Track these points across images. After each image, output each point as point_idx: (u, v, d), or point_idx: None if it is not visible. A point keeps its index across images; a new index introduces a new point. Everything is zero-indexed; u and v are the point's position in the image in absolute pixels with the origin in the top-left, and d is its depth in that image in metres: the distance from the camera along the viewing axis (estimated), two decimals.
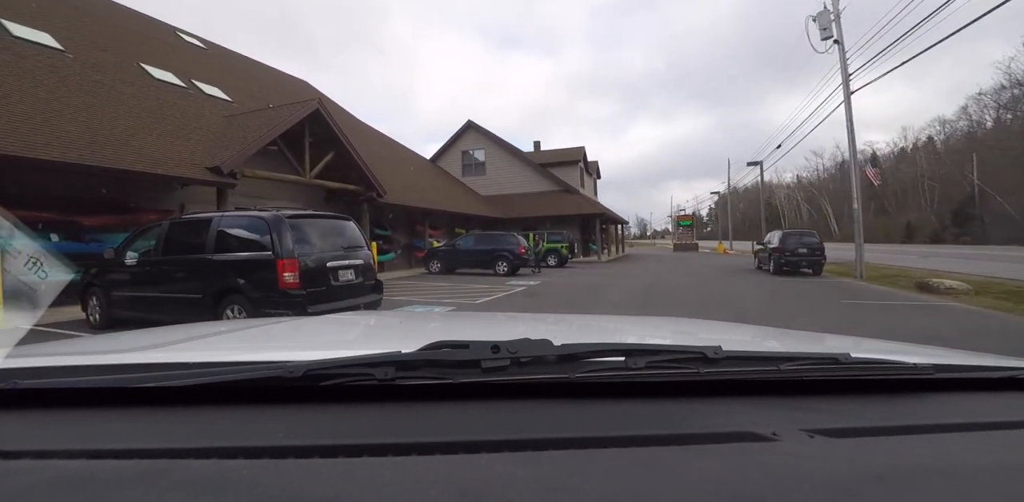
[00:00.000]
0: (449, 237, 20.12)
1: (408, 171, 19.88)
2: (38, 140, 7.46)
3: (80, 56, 11.09)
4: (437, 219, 19.44)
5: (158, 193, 10.14)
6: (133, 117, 10.02)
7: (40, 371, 0.69)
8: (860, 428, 0.62)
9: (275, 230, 4.95)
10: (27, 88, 8.75)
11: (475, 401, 0.64)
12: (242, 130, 11.31)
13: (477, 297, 9.93)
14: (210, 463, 0.46)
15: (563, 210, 23.01)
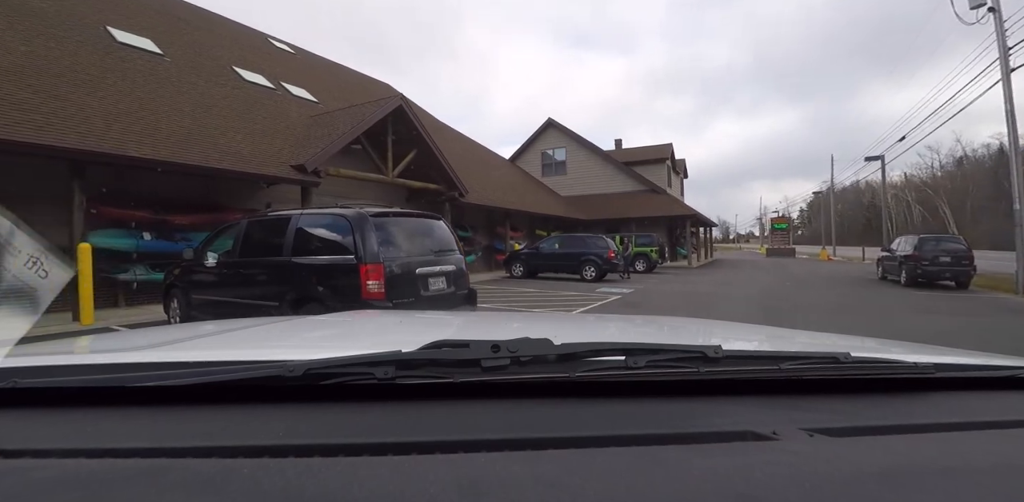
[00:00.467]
0: (529, 239, 19.35)
1: (487, 171, 19.33)
2: (130, 138, 7.38)
3: (177, 60, 11.33)
4: (517, 220, 18.74)
5: (244, 192, 10.04)
6: (223, 116, 9.99)
7: (40, 370, 0.68)
8: (860, 427, 0.61)
9: (358, 230, 4.29)
10: (126, 89, 8.86)
11: (475, 400, 0.63)
12: (326, 129, 11.09)
13: (571, 306, 8.99)
14: (210, 462, 0.45)
15: (649, 211, 21.58)
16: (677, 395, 0.68)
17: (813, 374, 0.73)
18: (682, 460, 0.49)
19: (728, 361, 0.70)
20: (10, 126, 6.21)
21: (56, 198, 7.27)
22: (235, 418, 0.58)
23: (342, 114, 11.76)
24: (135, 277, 7.95)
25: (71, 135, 6.67)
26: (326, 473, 0.43)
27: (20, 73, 7.50)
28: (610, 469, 0.46)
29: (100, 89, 8.34)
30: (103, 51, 9.76)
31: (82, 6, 10.92)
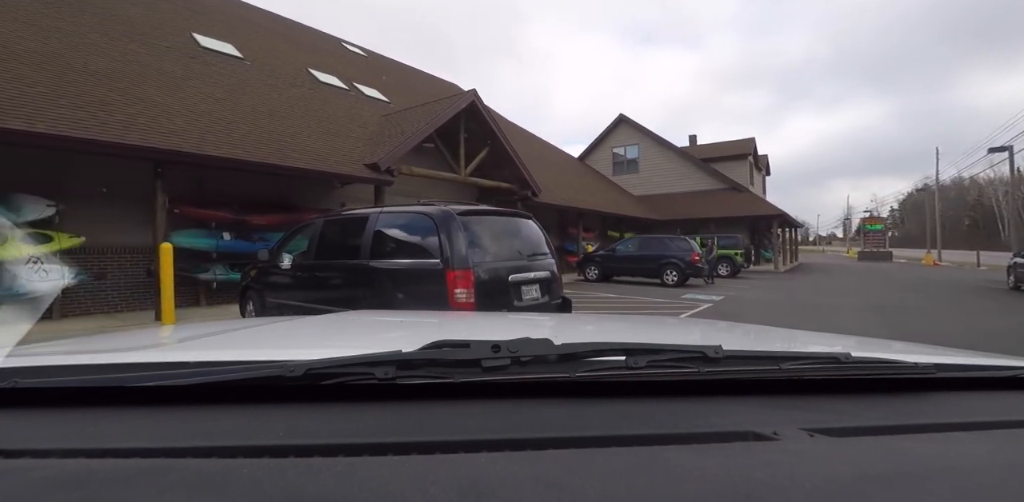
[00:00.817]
0: (601, 240, 18.53)
1: (556, 170, 18.69)
2: (209, 138, 7.32)
3: (256, 63, 11.50)
4: (589, 220, 17.97)
5: (319, 192, 9.93)
6: (299, 116, 9.93)
7: (40, 370, 0.68)
8: (861, 427, 0.61)
9: (444, 230, 3.76)
10: (208, 91, 8.93)
11: (475, 400, 0.63)
12: (399, 127, 10.85)
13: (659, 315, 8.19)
14: (210, 462, 0.45)
15: (729, 211, 20.15)
16: (678, 395, 0.68)
17: (814, 374, 0.72)
18: (683, 460, 0.49)
19: (729, 361, 0.70)
20: (98, 126, 6.23)
21: (141, 199, 7.32)
22: (235, 418, 0.57)
23: (414, 112, 11.51)
24: (215, 277, 7.92)
25: (154, 135, 6.65)
26: (326, 473, 0.43)
27: (110, 76, 7.64)
28: (611, 469, 0.46)
29: (183, 91, 8.42)
30: (188, 56, 9.97)
31: (171, 14, 11.29)
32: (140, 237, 7.50)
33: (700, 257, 13.10)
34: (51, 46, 7.62)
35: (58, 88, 6.63)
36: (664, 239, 13.89)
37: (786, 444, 0.54)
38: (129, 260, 7.65)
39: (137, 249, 7.64)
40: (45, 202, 6.69)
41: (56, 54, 7.47)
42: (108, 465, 0.44)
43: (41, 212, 6.66)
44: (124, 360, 0.76)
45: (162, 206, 6.82)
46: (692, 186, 22.27)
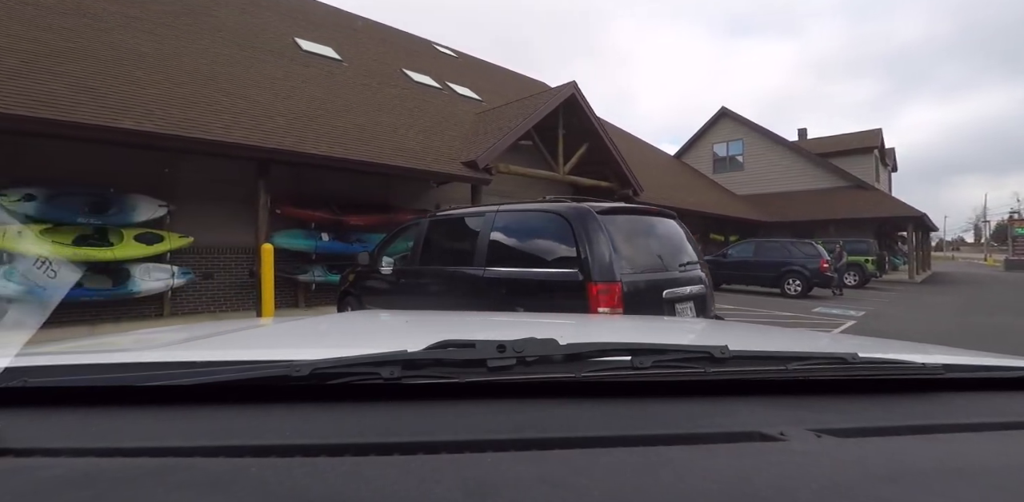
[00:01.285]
0: (703, 243, 17.09)
1: (652, 168, 17.52)
2: (309, 136, 7.11)
3: (353, 65, 11.53)
4: (689, 222, 16.58)
5: (414, 192, 9.61)
6: (394, 114, 9.69)
7: (49, 369, 0.68)
8: (869, 428, 0.61)
9: (582, 233, 3.02)
10: (308, 91, 8.87)
11: (481, 400, 0.63)
12: (495, 124, 10.34)
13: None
14: (217, 461, 0.45)
15: (853, 211, 17.86)
16: (683, 395, 0.67)
17: (820, 375, 0.72)
18: (689, 460, 0.48)
19: (735, 361, 0.69)
20: (204, 125, 6.14)
21: (245, 199, 7.25)
22: (241, 418, 0.56)
23: (510, 108, 10.96)
24: (313, 278, 7.74)
25: (257, 133, 6.50)
26: (332, 473, 0.43)
27: (217, 79, 7.68)
28: (616, 469, 0.46)
29: (284, 91, 8.37)
30: (289, 58, 10.07)
31: (276, 22, 11.58)
32: (243, 237, 7.45)
33: (829, 264, 11.48)
34: (165, 51, 7.79)
35: (168, 90, 6.66)
36: (785, 243, 12.30)
37: (793, 445, 0.53)
38: (233, 260, 7.63)
39: (240, 249, 7.60)
40: (157, 202, 6.74)
41: (169, 58, 7.62)
42: (116, 464, 0.44)
43: (154, 212, 6.71)
44: (132, 360, 0.76)
45: (264, 206, 6.66)
46: (806, 184, 20.09)
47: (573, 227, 3.08)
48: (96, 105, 5.60)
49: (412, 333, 1.27)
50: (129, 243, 6.51)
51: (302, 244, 7.66)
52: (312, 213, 7.71)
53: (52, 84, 5.64)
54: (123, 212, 6.47)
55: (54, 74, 5.87)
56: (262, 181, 6.69)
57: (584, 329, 1.39)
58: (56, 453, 0.47)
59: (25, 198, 5.88)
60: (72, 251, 6.05)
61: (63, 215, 6.11)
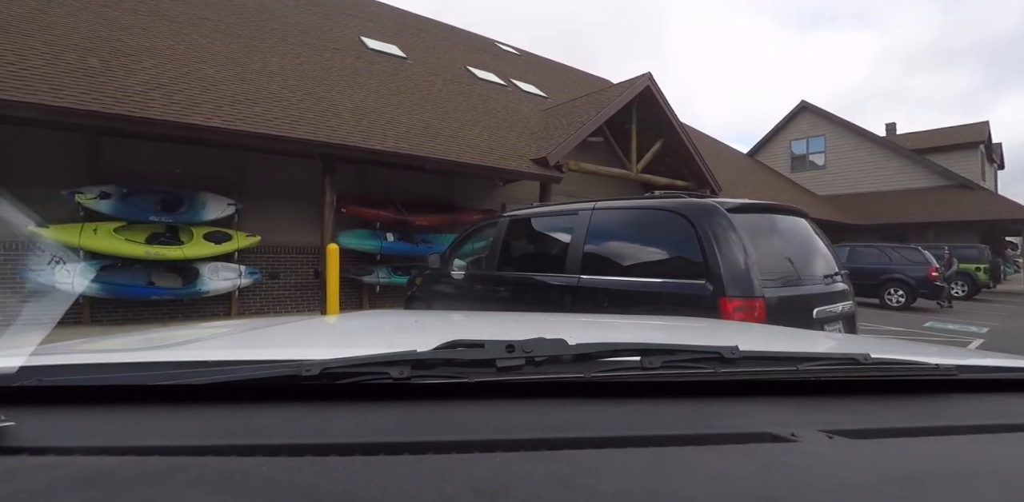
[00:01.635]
0: None
1: (725, 166, 16.46)
2: (375, 132, 6.84)
3: (418, 62, 11.36)
4: None
5: (479, 191, 9.24)
6: (460, 111, 9.36)
7: (63, 369, 0.68)
8: (881, 429, 0.60)
9: (710, 235, 2.44)
10: (373, 88, 8.69)
11: (490, 400, 0.62)
12: (563, 120, 9.82)
13: None
14: (229, 460, 0.45)
15: (956, 214, 16.04)
16: (694, 396, 0.66)
17: (832, 375, 0.71)
18: (699, 461, 0.48)
19: (745, 362, 0.69)
20: (271, 122, 5.96)
21: (310, 198, 7.08)
22: (252, 417, 0.56)
23: (579, 103, 10.41)
24: (378, 280, 7.48)
25: (323, 129, 6.28)
26: (343, 472, 0.43)
27: (284, 76, 7.57)
28: (627, 470, 0.45)
29: (350, 88, 8.20)
30: (355, 56, 9.96)
31: (342, 22, 11.57)
32: (308, 237, 7.29)
33: (939, 272, 10.18)
34: (235, 50, 7.77)
35: (237, 87, 6.56)
36: (885, 248, 10.97)
37: (804, 445, 0.53)
38: (298, 260, 7.49)
39: (306, 249, 7.44)
40: (226, 201, 6.65)
41: (238, 57, 7.58)
42: (129, 463, 0.44)
43: (223, 210, 6.62)
44: (144, 359, 0.76)
45: (330, 204, 6.43)
46: (899, 183, 18.31)
47: (697, 228, 2.50)
48: (167, 101, 5.51)
49: (422, 333, 1.27)
50: (198, 242, 6.44)
51: (367, 244, 7.41)
52: (377, 212, 7.46)
53: (126, 81, 5.60)
54: (193, 210, 6.41)
55: (130, 72, 5.84)
56: (328, 179, 6.46)
57: (593, 329, 1.38)
58: (69, 452, 0.47)
59: (101, 196, 5.89)
60: (144, 250, 6.02)
61: (136, 213, 6.09)
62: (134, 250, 5.96)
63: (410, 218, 7.70)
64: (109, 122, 4.95)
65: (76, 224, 5.84)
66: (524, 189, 9.80)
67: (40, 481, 0.40)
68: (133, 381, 0.62)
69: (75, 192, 5.77)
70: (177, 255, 6.17)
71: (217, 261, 6.60)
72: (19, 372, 0.61)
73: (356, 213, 7.31)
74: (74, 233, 5.77)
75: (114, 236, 5.93)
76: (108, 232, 5.91)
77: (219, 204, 6.59)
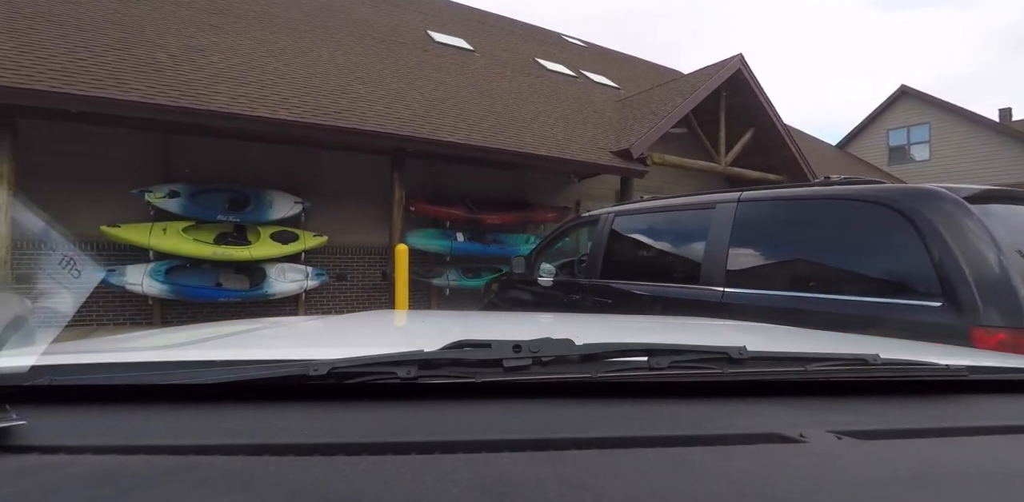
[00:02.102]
0: None
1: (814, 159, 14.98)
2: (445, 123, 6.36)
3: (485, 55, 10.95)
4: None
5: (553, 187, 8.61)
6: (532, 103, 8.78)
7: (74, 368, 0.68)
8: (891, 430, 0.59)
9: (943, 235, 1.69)
10: (443, 79, 8.28)
11: (497, 400, 0.62)
12: (644, 108, 9.03)
13: None
14: (237, 460, 0.45)
15: None
16: (701, 396, 0.65)
17: (841, 376, 0.70)
18: (707, 462, 0.47)
19: (753, 362, 0.68)
20: (339, 114, 5.59)
21: (378, 196, 6.71)
22: (259, 416, 0.56)
23: (660, 91, 9.59)
24: (448, 282, 7.00)
25: (392, 121, 5.86)
26: (350, 472, 0.43)
27: (351, 69, 7.27)
28: (634, 470, 0.45)
29: (418, 80, 7.81)
30: (422, 49, 9.62)
31: (408, 17, 11.33)
32: (376, 237, 6.92)
33: None
34: (303, 45, 7.55)
35: (305, 80, 6.27)
36: None
37: (813, 446, 0.52)
38: (366, 261, 7.14)
39: (373, 249, 7.08)
40: (293, 199, 6.36)
41: (306, 51, 7.34)
42: (139, 462, 0.44)
43: (290, 209, 6.34)
44: (154, 358, 0.77)
45: (399, 202, 6.01)
46: (1020, 175, 16.13)
47: (921, 224, 1.75)
48: (234, 94, 5.23)
49: (426, 333, 1.26)
50: (265, 242, 6.18)
51: (436, 245, 6.95)
52: (447, 211, 6.98)
53: (193, 75, 5.38)
54: (260, 209, 6.15)
55: (197, 66, 5.64)
56: (397, 175, 6.03)
57: (600, 329, 1.35)
58: (80, 451, 0.46)
59: (170, 194, 5.71)
60: (211, 250, 5.80)
61: (204, 212, 5.89)
62: (201, 250, 5.75)
63: (481, 216, 7.17)
64: (174, 115, 4.70)
65: (146, 224, 5.69)
66: (600, 185, 9.10)
67: (52, 480, 0.41)
68: (143, 381, 0.61)
69: (145, 191, 5.62)
70: (244, 256, 5.92)
71: (284, 262, 6.33)
72: (31, 371, 0.61)
73: (425, 211, 6.87)
74: (144, 233, 5.62)
75: (182, 236, 5.74)
76: (177, 232, 5.74)
77: (286, 202, 6.31)
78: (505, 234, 7.66)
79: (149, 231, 5.63)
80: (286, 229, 6.35)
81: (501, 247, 7.32)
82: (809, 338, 1.26)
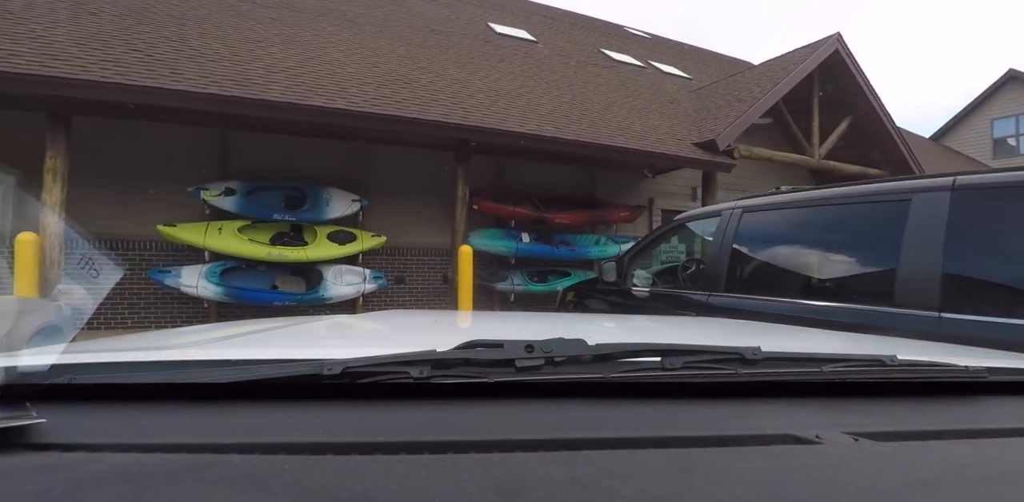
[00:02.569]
0: None
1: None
2: (512, 113, 5.82)
3: (548, 45, 10.43)
4: None
5: (624, 183, 7.93)
6: (601, 92, 8.14)
7: (92, 367, 0.69)
8: (908, 432, 0.58)
9: None
10: (507, 69, 7.80)
11: (509, 400, 0.61)
12: (724, 97, 8.20)
13: None
14: (252, 458, 0.45)
15: None
16: (715, 397, 0.64)
17: (857, 377, 0.69)
18: (722, 462, 0.47)
19: (767, 363, 0.67)
20: (399, 103, 5.16)
21: (439, 193, 6.26)
22: (274, 415, 0.56)
23: (744, 78, 8.73)
24: (512, 287, 6.44)
25: (456, 111, 5.37)
26: (364, 471, 0.43)
27: (412, 58, 6.86)
28: (647, 471, 0.45)
29: (481, 69, 7.34)
30: (483, 40, 9.19)
31: (466, 9, 10.94)
32: (436, 237, 6.48)
33: None
34: (363, 36, 7.23)
35: (365, 70, 5.90)
36: None
37: (829, 448, 0.51)
38: (426, 263, 6.70)
39: (433, 250, 6.64)
40: (351, 197, 5.99)
41: (366, 42, 7.02)
42: (156, 460, 0.44)
43: (347, 208, 5.97)
44: (171, 358, 0.77)
45: (462, 200, 5.51)
46: None
47: None
48: (290, 84, 4.89)
49: (439, 333, 1.26)
50: (322, 242, 5.84)
51: (501, 246, 6.42)
52: (513, 209, 6.43)
53: (250, 65, 5.08)
54: (317, 207, 5.82)
55: (255, 57, 5.35)
56: (461, 170, 5.53)
57: (612, 329, 1.34)
58: (99, 449, 0.47)
59: (225, 192, 5.45)
60: (267, 250, 5.50)
61: (260, 210, 5.60)
62: (257, 251, 5.46)
63: (549, 215, 6.59)
64: (227, 106, 4.38)
65: (202, 223, 5.45)
66: (675, 182, 8.36)
67: (72, 477, 0.41)
68: (161, 380, 0.61)
69: (200, 188, 5.37)
70: (300, 257, 5.59)
71: (341, 264, 5.98)
72: (51, 370, 0.61)
73: (488, 209, 6.35)
74: (199, 232, 5.37)
75: (238, 236, 5.47)
76: (232, 231, 5.47)
77: (343, 201, 5.95)
78: (573, 235, 7.05)
79: (204, 231, 5.39)
80: (343, 229, 5.99)
81: (570, 249, 6.71)
82: (825, 339, 1.27)
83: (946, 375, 0.70)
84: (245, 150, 5.83)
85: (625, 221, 7.34)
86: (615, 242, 7.14)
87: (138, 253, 5.47)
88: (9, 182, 4.69)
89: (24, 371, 0.61)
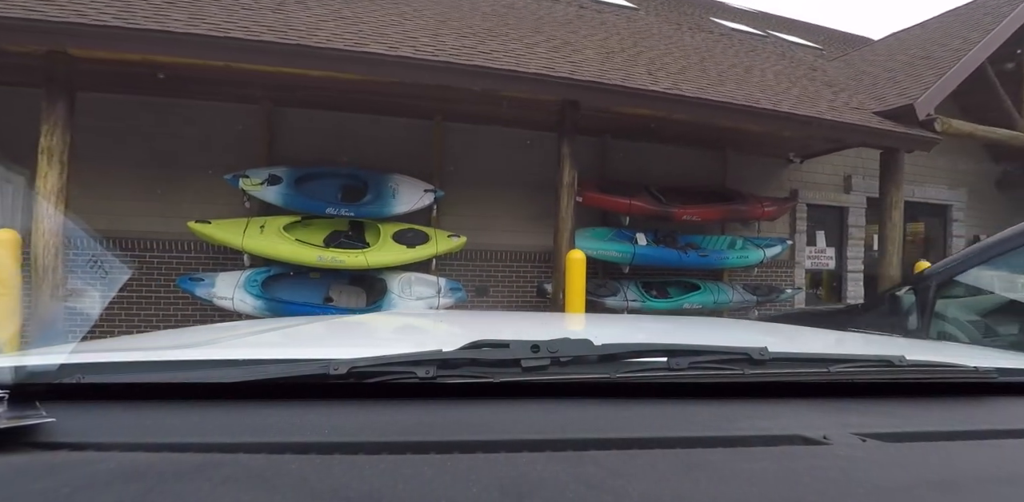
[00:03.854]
0: None
1: None
2: (636, 69, 4.33)
3: (651, 12, 8.95)
4: None
5: (761, 171, 6.25)
6: (730, 55, 6.53)
7: (101, 366, 0.68)
8: (916, 433, 0.57)
9: None
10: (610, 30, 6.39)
11: (515, 400, 0.61)
12: (894, 61, 6.31)
13: None
14: (259, 458, 0.45)
15: None
16: (721, 397, 0.64)
17: (865, 377, 0.68)
18: (728, 463, 0.46)
19: (774, 363, 0.66)
20: (488, 54, 3.82)
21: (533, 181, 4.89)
22: (281, 415, 0.56)
23: (914, 34, 6.76)
24: (626, 303, 4.91)
25: (563, 64, 3.95)
26: (371, 471, 0.43)
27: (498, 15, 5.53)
28: (654, 471, 0.44)
29: (582, 30, 5.92)
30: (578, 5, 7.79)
31: None
32: (527, 237, 5.11)
33: None
34: None
35: (440, 22, 4.61)
36: None
37: (837, 449, 0.51)
38: (514, 270, 5.31)
39: (524, 255, 5.26)
40: (423, 186, 4.73)
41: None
42: (165, 459, 0.45)
43: (418, 200, 4.72)
44: (180, 357, 0.78)
45: (568, 187, 4.06)
46: None
47: None
48: (346, 32, 3.66)
49: (444, 332, 1.25)
50: (386, 243, 4.61)
51: (614, 250, 4.92)
52: (627, 202, 4.90)
53: (298, 14, 3.92)
54: (381, 200, 4.60)
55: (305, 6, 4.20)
56: (565, 146, 4.06)
57: (618, 329, 1.35)
58: (107, 448, 0.47)
59: (269, 180, 4.33)
60: (318, 254, 4.33)
61: (311, 203, 4.45)
62: (306, 255, 4.29)
63: (674, 210, 5.02)
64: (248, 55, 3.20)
65: (242, 219, 4.37)
66: (824, 169, 6.58)
67: (81, 476, 0.41)
68: (169, 379, 0.61)
69: (239, 176, 4.28)
70: (356, 262, 4.37)
71: (410, 271, 4.72)
72: (60, 369, 0.62)
73: (596, 202, 4.89)
74: (238, 231, 4.29)
75: (283, 235, 4.33)
76: (276, 230, 4.34)
77: (414, 191, 4.70)
78: (699, 236, 5.45)
79: (244, 228, 4.30)
80: (413, 227, 4.74)
81: (701, 254, 5.12)
82: (831, 339, 1.29)
83: (955, 376, 0.70)
84: (294, 129, 4.71)
85: (769, 217, 5.65)
86: (757, 245, 5.47)
87: (156, 255, 4.46)
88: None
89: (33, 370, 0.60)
